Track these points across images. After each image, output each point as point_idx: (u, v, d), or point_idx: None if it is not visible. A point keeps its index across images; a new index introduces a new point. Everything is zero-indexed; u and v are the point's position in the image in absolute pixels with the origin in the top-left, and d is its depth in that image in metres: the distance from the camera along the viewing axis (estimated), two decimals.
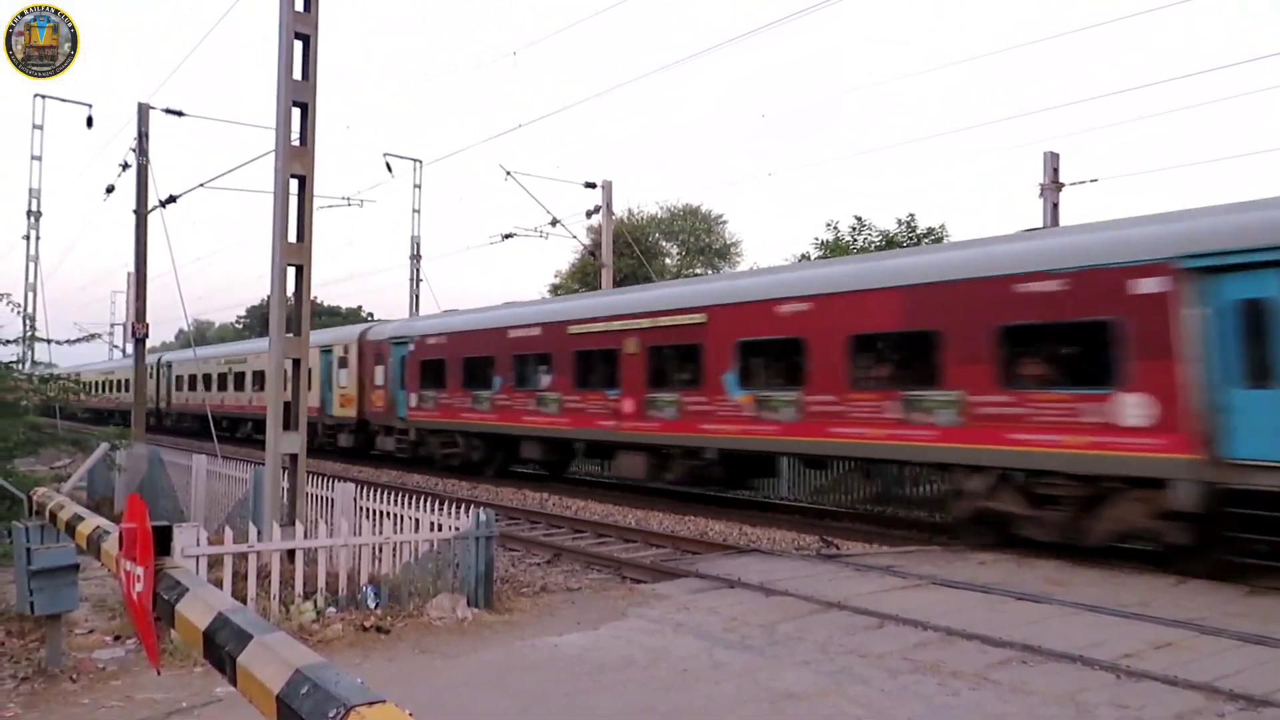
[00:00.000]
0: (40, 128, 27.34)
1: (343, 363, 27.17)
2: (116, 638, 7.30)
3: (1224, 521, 9.70)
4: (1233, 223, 9.94)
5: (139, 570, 3.30)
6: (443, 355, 22.77)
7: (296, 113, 9.96)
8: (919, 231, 29.37)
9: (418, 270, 33.49)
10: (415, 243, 33.56)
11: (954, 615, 8.13)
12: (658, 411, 16.74)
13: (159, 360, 41.88)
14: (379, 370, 25.39)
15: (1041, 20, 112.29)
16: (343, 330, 30.02)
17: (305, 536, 8.23)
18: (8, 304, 11.72)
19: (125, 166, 20.78)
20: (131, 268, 22.02)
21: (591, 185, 26.61)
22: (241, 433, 34.70)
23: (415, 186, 33.25)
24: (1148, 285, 10.23)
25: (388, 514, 9.42)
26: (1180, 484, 9.88)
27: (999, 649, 7.13)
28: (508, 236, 28.05)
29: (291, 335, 10.02)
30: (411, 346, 24.00)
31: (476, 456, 22.25)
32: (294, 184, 9.95)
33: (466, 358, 21.92)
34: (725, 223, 45.31)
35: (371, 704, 1.85)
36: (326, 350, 27.77)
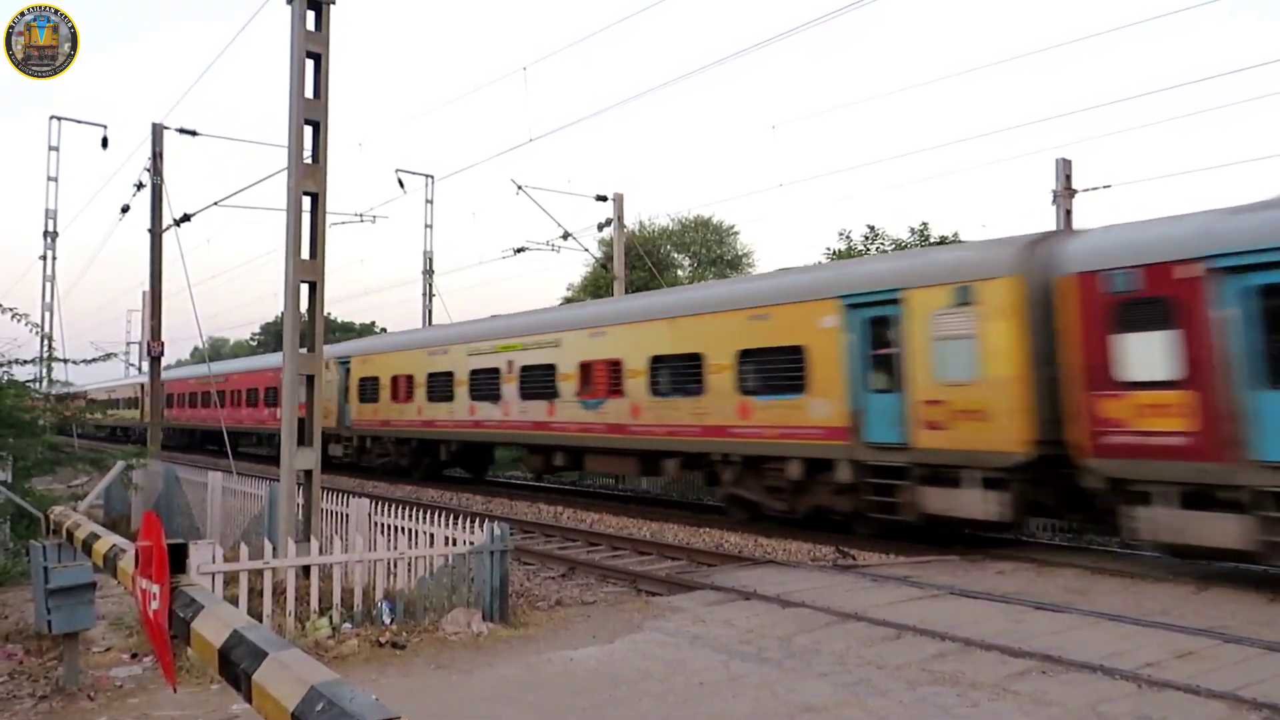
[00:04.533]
0: (56, 149, 27.55)
1: (944, 331, 12.03)
2: (133, 655, 7.32)
3: None
4: None
5: (155, 588, 3.32)
6: None
7: (309, 131, 10.02)
8: (933, 240, 29.32)
9: (430, 285, 33.62)
10: (428, 258, 33.69)
11: (973, 625, 8.07)
12: None
13: (335, 357, 27.35)
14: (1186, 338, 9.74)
15: (1053, 27, 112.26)
16: (938, 255, 14.03)
17: (320, 552, 8.25)
18: (26, 324, 11.84)
19: (140, 186, 21.00)
20: (147, 286, 22.24)
21: (603, 198, 26.64)
22: (529, 470, 22.40)
23: (427, 202, 33.33)
24: None
25: (402, 529, 9.43)
26: None
27: (1019, 659, 7.07)
28: (520, 250, 28.08)
29: (305, 351, 10.07)
30: None
31: None
32: (306, 201, 10.00)
33: None
34: (737, 234, 45.28)
35: None
36: (864, 304, 13.12)
